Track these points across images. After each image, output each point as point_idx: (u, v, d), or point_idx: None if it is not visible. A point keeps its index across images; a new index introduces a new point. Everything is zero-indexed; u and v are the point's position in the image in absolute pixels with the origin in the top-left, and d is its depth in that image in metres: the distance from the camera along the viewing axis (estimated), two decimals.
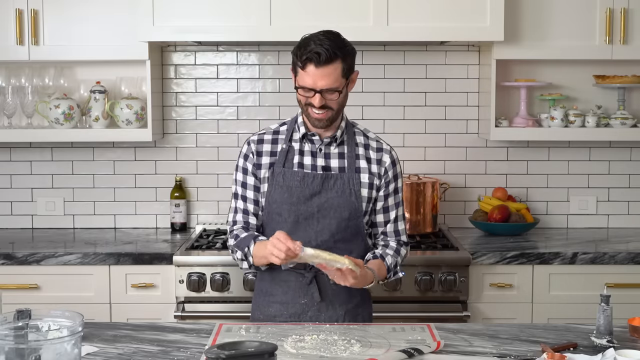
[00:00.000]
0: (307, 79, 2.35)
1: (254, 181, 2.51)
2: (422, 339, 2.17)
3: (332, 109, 2.40)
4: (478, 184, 3.93)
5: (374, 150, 2.54)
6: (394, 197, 2.56)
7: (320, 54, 2.32)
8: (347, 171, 2.48)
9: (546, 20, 3.58)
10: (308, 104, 2.40)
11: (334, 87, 2.36)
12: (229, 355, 1.68)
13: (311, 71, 2.34)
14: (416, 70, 3.87)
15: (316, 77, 2.34)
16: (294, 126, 2.53)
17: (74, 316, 1.82)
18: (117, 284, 3.32)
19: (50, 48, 3.56)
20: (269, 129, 2.58)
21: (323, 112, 2.39)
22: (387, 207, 2.56)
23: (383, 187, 2.53)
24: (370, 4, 3.42)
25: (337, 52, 2.35)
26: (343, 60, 2.37)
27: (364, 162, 2.51)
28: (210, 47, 3.86)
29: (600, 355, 2.02)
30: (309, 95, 2.38)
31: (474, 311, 3.31)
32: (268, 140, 2.54)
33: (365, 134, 2.58)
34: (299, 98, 2.43)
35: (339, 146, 2.52)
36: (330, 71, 2.34)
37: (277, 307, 2.50)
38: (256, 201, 2.52)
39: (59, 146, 3.88)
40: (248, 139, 2.57)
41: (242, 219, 2.52)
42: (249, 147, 2.54)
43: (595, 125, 3.71)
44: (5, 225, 3.92)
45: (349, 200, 2.46)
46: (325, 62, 2.32)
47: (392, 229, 2.57)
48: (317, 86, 2.35)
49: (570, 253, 3.34)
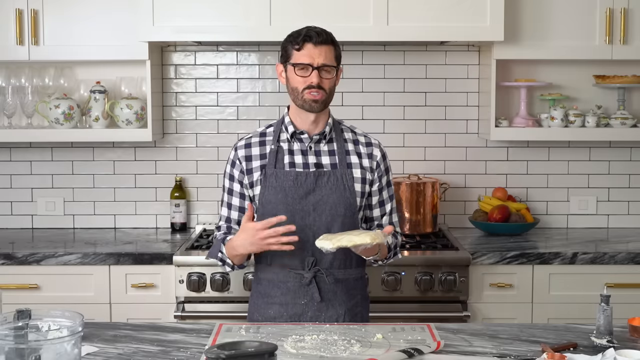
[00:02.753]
0: (304, 56, 2.44)
1: (240, 188, 2.55)
2: (422, 339, 2.17)
3: (326, 91, 2.46)
4: (478, 184, 3.93)
5: (364, 145, 2.58)
6: (387, 190, 2.61)
7: (318, 33, 2.45)
8: (339, 167, 2.51)
9: (546, 20, 3.58)
10: (305, 88, 2.44)
11: (331, 64, 2.45)
12: (229, 355, 1.68)
13: (309, 48, 2.44)
14: (416, 70, 3.87)
15: (314, 53, 2.43)
16: (281, 127, 2.56)
17: (74, 316, 1.82)
18: (117, 284, 3.32)
19: (50, 48, 3.57)
20: (255, 132, 2.61)
21: (319, 92, 2.44)
22: (382, 200, 2.59)
23: (377, 181, 2.57)
24: (370, 4, 3.42)
25: (331, 36, 2.48)
26: (335, 46, 2.48)
27: (354, 158, 2.54)
28: (210, 47, 3.86)
29: (600, 355, 2.02)
30: (306, 75, 2.43)
31: (474, 311, 3.31)
32: (256, 143, 2.56)
33: (353, 130, 2.62)
34: (294, 84, 2.47)
35: (329, 143, 2.54)
36: (327, 50, 2.45)
37: (276, 309, 2.50)
38: (241, 208, 2.56)
39: (59, 146, 3.88)
40: (235, 144, 2.59)
41: (225, 224, 2.59)
42: (236, 153, 2.56)
43: (595, 125, 3.71)
44: (5, 225, 3.93)
45: (343, 195, 2.48)
46: (322, 41, 2.45)
47: (388, 222, 2.59)
48: (315, 62, 2.43)
49: (570, 253, 3.34)
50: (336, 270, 2.49)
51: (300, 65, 2.43)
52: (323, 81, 2.44)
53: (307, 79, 2.43)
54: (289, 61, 2.47)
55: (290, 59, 2.46)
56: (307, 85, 2.43)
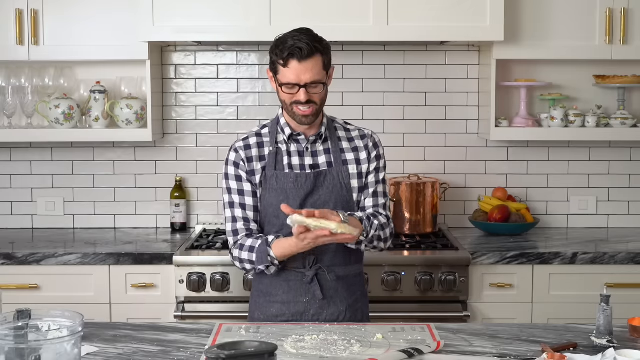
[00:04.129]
0: (290, 75, 2.38)
1: (251, 187, 2.50)
2: (422, 339, 2.17)
3: (316, 103, 2.42)
4: (478, 184, 3.93)
5: (359, 138, 2.57)
6: (374, 175, 2.54)
7: (302, 49, 2.35)
8: (334, 165, 2.50)
9: (546, 20, 3.58)
10: (293, 103, 2.41)
11: (318, 80, 2.39)
12: (229, 355, 1.68)
13: (294, 66, 2.36)
14: (416, 70, 3.87)
15: (300, 71, 2.36)
16: (277, 128, 2.54)
17: (74, 316, 1.82)
18: (117, 284, 3.32)
19: (50, 48, 3.56)
20: (251, 133, 2.57)
21: (309, 107, 2.41)
22: (367, 183, 2.53)
23: (372, 170, 2.53)
24: (370, 4, 3.42)
25: (317, 46, 2.39)
26: (323, 54, 2.41)
27: (350, 154, 2.53)
28: (210, 47, 3.86)
29: (600, 355, 2.02)
30: (294, 92, 2.40)
31: (474, 311, 3.31)
32: (254, 144, 2.53)
33: (345, 126, 2.60)
34: (282, 98, 2.44)
35: (324, 143, 2.53)
36: (313, 64, 2.37)
37: (278, 307, 2.50)
38: (255, 207, 2.50)
39: (59, 146, 3.88)
40: (233, 145, 2.55)
41: (243, 227, 2.49)
42: (238, 154, 2.52)
43: (595, 125, 3.71)
44: (5, 225, 3.92)
45: (340, 194, 2.48)
46: (307, 56, 2.36)
47: (372, 204, 2.52)
48: (302, 80, 2.37)
49: (570, 253, 3.34)
50: (337, 268, 2.49)
51: (287, 85, 2.39)
52: (312, 95, 2.40)
53: (295, 96, 2.40)
54: (276, 74, 2.42)
55: (277, 74, 2.41)
56: (296, 101, 2.40)
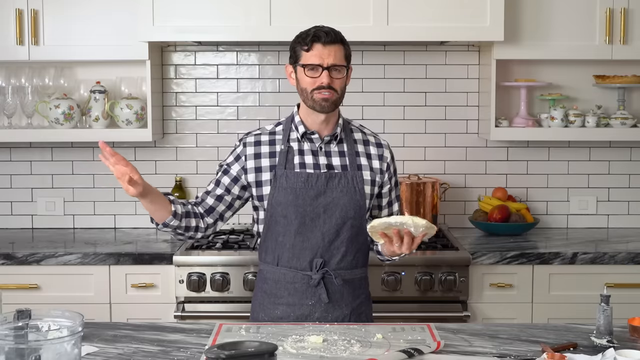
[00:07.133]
0: (313, 57, 2.41)
1: (229, 183, 2.53)
2: (422, 339, 2.17)
3: (337, 91, 2.43)
4: (478, 184, 3.93)
5: (374, 145, 2.57)
6: (395, 190, 2.62)
7: (327, 33, 2.43)
8: (349, 169, 2.49)
9: (546, 20, 3.58)
10: (315, 89, 2.41)
11: (340, 64, 2.43)
12: (229, 355, 1.68)
13: (318, 49, 2.41)
14: (416, 70, 3.87)
15: (323, 53, 2.41)
16: (291, 126, 2.53)
17: (74, 316, 1.82)
18: (117, 284, 3.32)
19: (50, 48, 3.57)
20: (264, 130, 2.57)
21: (330, 92, 2.41)
22: (391, 201, 2.60)
23: (387, 182, 2.57)
24: (370, 4, 3.42)
25: (340, 36, 2.46)
26: (345, 45, 2.46)
27: (364, 159, 2.53)
28: (210, 47, 3.86)
29: (600, 355, 2.02)
30: (316, 75, 2.41)
31: (474, 311, 3.31)
32: (265, 141, 2.53)
33: (362, 130, 2.60)
34: (304, 85, 2.44)
35: (339, 144, 2.52)
36: (336, 50, 2.43)
37: (283, 309, 2.49)
38: (220, 197, 2.54)
39: (59, 146, 3.88)
40: (243, 138, 2.56)
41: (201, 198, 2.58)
42: (244, 149, 2.53)
43: (595, 125, 3.71)
44: (5, 225, 3.93)
45: (353, 198, 2.47)
46: (331, 41, 2.42)
47: None
48: (325, 62, 2.41)
49: (570, 253, 3.34)
50: (343, 271, 2.48)
51: (309, 66, 2.41)
52: (333, 81, 2.42)
53: (317, 80, 2.41)
54: (298, 62, 2.44)
55: (300, 60, 2.44)
56: (318, 86, 2.41)
